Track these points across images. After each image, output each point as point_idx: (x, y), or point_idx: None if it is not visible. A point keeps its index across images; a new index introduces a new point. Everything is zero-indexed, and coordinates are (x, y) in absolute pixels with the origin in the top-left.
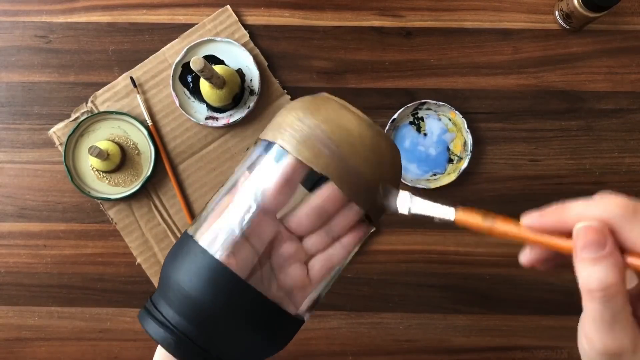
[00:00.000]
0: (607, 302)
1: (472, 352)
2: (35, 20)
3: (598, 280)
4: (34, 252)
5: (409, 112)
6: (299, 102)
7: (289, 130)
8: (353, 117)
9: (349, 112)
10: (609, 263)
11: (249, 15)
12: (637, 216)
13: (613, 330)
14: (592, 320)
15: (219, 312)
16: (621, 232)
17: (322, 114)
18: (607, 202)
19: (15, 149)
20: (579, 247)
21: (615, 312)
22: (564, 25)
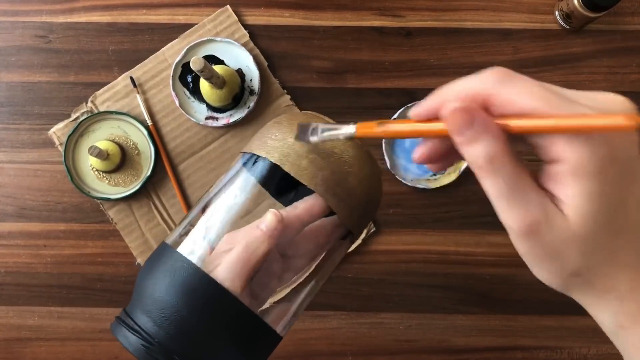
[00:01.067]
0: (497, 174)
1: (472, 353)
2: (35, 20)
3: (481, 156)
4: (34, 252)
5: (409, 112)
6: (284, 118)
7: (271, 144)
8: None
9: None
10: (485, 137)
11: (249, 15)
12: (510, 79)
13: (516, 203)
14: (495, 200)
15: (198, 323)
16: (497, 98)
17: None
18: (483, 74)
19: (15, 149)
20: (452, 133)
21: (511, 183)
22: (564, 25)
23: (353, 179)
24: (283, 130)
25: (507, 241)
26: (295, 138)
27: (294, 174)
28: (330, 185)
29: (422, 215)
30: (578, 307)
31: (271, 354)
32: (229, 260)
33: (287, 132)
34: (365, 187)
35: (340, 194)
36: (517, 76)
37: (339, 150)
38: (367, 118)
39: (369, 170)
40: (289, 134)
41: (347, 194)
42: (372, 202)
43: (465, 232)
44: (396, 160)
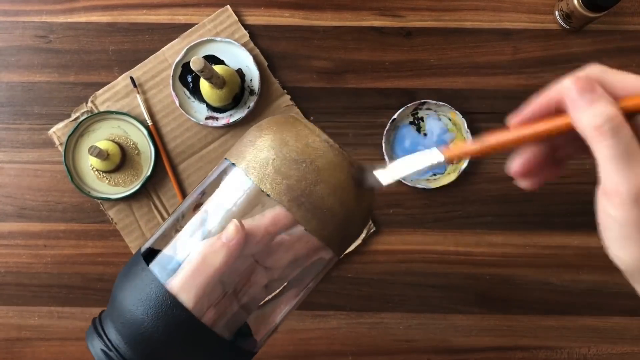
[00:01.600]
0: (617, 132)
1: (472, 352)
2: (35, 20)
3: (601, 115)
4: (34, 252)
5: (409, 112)
6: (264, 122)
7: (242, 149)
8: (321, 144)
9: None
10: (605, 100)
11: (249, 15)
12: (610, 69)
13: (633, 164)
14: (610, 162)
15: (163, 343)
16: (606, 82)
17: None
18: (586, 69)
19: (15, 149)
20: (572, 99)
21: (629, 145)
22: (564, 25)
23: (322, 188)
24: (258, 135)
25: (507, 241)
26: (363, 183)
27: (257, 182)
28: (295, 195)
29: (422, 215)
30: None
31: (264, 354)
32: (184, 271)
33: (261, 137)
34: (340, 197)
35: (306, 204)
36: (613, 69)
37: (311, 157)
38: (367, 118)
39: (344, 178)
40: (263, 139)
41: (315, 204)
42: (352, 214)
43: (465, 232)
44: (396, 160)
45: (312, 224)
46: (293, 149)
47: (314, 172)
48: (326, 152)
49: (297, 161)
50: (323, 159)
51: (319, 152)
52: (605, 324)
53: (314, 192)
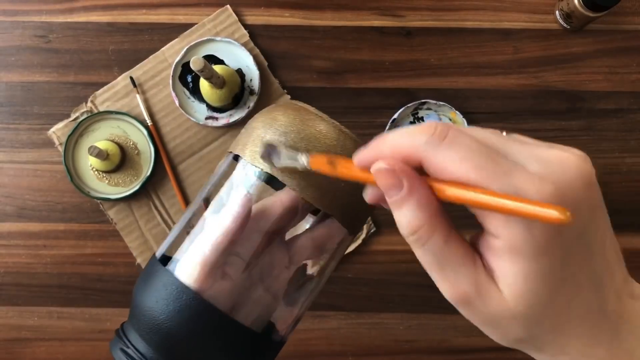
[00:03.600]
0: (424, 245)
1: (473, 353)
2: (34, 20)
3: (406, 224)
4: (34, 252)
5: (409, 112)
6: (263, 110)
7: (244, 138)
8: (327, 127)
9: (323, 122)
10: (411, 204)
11: (248, 15)
12: (448, 140)
13: (445, 275)
14: (427, 268)
15: (192, 344)
16: (432, 160)
17: (296, 125)
18: (418, 131)
19: (15, 149)
20: (384, 189)
21: (439, 256)
22: (564, 25)
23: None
24: (251, 120)
25: None
26: (260, 156)
27: (250, 160)
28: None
29: None
30: None
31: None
32: (189, 252)
33: (254, 120)
34: None
35: (301, 172)
36: (458, 135)
37: (299, 126)
38: (367, 118)
39: (336, 143)
40: (255, 121)
41: (308, 171)
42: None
43: (465, 232)
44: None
45: (308, 192)
46: (282, 123)
47: (304, 140)
48: (314, 120)
49: (286, 132)
50: (312, 128)
51: (308, 121)
52: None
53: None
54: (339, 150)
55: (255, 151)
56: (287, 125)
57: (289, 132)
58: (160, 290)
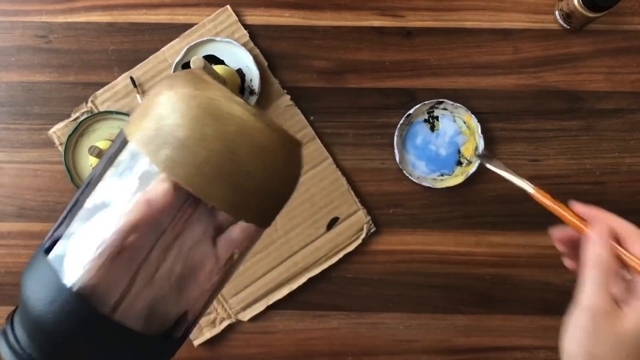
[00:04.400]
0: (600, 268)
1: (473, 353)
2: (35, 20)
3: (595, 254)
4: (34, 252)
5: (425, 109)
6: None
7: (151, 125)
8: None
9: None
10: (603, 248)
11: (248, 15)
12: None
13: (600, 290)
14: (589, 281)
15: (69, 345)
16: (629, 242)
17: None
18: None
19: (15, 149)
20: (589, 235)
21: (604, 279)
22: (564, 25)
23: (181, 132)
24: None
25: (507, 241)
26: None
27: (127, 135)
28: (148, 138)
29: (423, 215)
30: None
31: (265, 354)
32: (76, 242)
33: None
34: (217, 147)
35: (158, 142)
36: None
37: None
38: (367, 118)
39: (212, 128)
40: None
41: (169, 141)
42: (243, 165)
43: (465, 232)
44: (406, 155)
45: (185, 175)
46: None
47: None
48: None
49: (147, 107)
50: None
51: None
52: None
53: (167, 130)
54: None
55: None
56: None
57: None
58: (38, 281)
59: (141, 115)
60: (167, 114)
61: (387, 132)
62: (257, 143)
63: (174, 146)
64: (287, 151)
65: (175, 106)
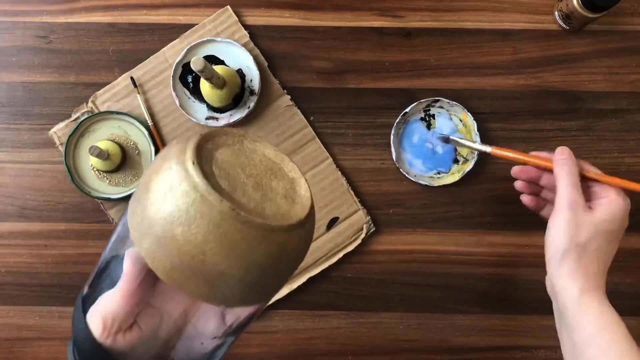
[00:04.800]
0: (573, 176)
1: (472, 352)
2: (35, 20)
3: (567, 165)
4: (35, 251)
5: (421, 107)
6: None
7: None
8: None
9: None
10: (573, 161)
11: (249, 16)
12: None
13: (574, 191)
14: (566, 185)
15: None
16: (584, 166)
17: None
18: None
19: (16, 149)
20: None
21: (576, 183)
22: (563, 25)
23: (158, 227)
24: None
25: (507, 241)
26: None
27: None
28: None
29: (422, 215)
30: None
31: (264, 353)
32: (97, 299)
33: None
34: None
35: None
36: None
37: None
38: (367, 118)
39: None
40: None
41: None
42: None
43: (465, 232)
44: (402, 153)
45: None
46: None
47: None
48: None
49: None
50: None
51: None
52: None
53: (149, 221)
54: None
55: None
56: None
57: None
58: (75, 325)
59: (142, 189)
60: (152, 202)
61: (387, 132)
62: (229, 242)
63: (154, 239)
64: (272, 244)
65: (158, 195)
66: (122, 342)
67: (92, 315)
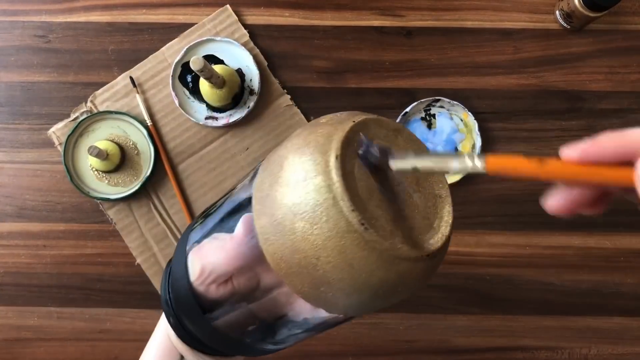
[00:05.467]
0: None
1: (473, 353)
2: (34, 20)
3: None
4: (34, 252)
5: (422, 107)
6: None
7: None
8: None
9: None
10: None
11: (248, 15)
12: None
13: None
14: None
15: (182, 316)
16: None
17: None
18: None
19: (15, 149)
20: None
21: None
22: (564, 25)
23: (280, 214)
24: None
25: (507, 241)
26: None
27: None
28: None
29: None
30: (579, 307)
31: (273, 354)
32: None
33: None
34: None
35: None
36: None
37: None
38: None
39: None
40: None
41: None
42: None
43: (465, 232)
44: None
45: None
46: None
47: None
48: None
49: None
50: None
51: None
52: (605, 324)
53: (272, 205)
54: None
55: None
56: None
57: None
58: (176, 255)
59: (276, 162)
60: (281, 183)
61: None
62: (348, 257)
63: (272, 222)
64: (393, 271)
65: (289, 179)
66: (213, 293)
67: (193, 257)
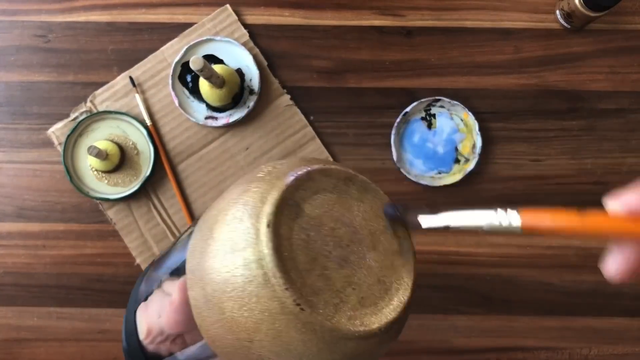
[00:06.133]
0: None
1: (473, 353)
2: (34, 19)
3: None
4: (33, 252)
5: (422, 107)
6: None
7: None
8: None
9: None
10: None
11: (248, 15)
12: None
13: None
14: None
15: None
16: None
17: None
18: None
19: (14, 149)
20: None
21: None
22: (565, 24)
23: (209, 287)
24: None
25: (507, 241)
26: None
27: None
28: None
29: None
30: (579, 307)
31: None
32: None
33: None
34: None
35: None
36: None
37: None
38: (367, 118)
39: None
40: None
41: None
42: None
43: (466, 233)
44: (403, 154)
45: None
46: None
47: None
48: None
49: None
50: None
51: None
52: (606, 324)
53: (202, 271)
54: None
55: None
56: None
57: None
58: (129, 315)
59: (208, 226)
60: (210, 254)
61: (388, 132)
62: (284, 341)
63: (202, 296)
64: (337, 352)
65: (218, 249)
66: (165, 350)
67: (140, 315)
